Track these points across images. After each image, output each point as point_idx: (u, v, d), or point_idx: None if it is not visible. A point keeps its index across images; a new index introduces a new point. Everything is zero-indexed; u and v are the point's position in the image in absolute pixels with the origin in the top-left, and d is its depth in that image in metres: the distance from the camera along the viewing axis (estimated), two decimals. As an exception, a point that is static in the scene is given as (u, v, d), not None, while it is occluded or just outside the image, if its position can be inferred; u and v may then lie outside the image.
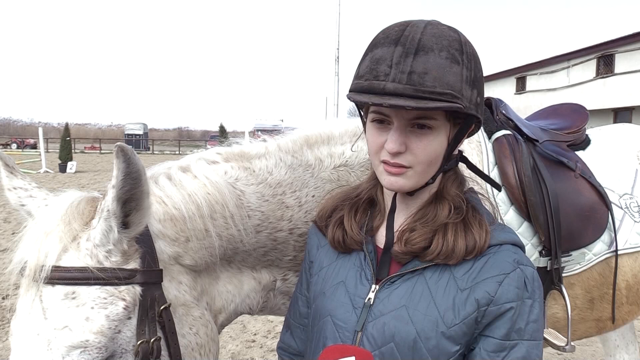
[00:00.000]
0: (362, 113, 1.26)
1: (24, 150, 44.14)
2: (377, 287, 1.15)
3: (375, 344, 1.10)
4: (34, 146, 44.63)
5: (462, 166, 1.28)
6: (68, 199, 1.18)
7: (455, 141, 1.16)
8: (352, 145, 1.61)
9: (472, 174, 1.35)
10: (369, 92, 1.08)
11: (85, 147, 51.96)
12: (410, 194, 1.18)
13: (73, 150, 27.24)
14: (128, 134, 57.09)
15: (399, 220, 1.21)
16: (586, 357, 4.16)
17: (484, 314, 1.07)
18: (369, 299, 1.14)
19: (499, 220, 1.25)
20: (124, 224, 1.13)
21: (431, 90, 1.03)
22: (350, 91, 1.14)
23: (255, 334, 4.64)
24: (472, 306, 1.07)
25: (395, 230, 1.19)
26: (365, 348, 1.11)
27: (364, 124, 1.23)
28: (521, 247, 1.17)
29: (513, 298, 1.07)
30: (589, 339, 2.65)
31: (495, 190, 1.72)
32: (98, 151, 47.91)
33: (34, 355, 1.06)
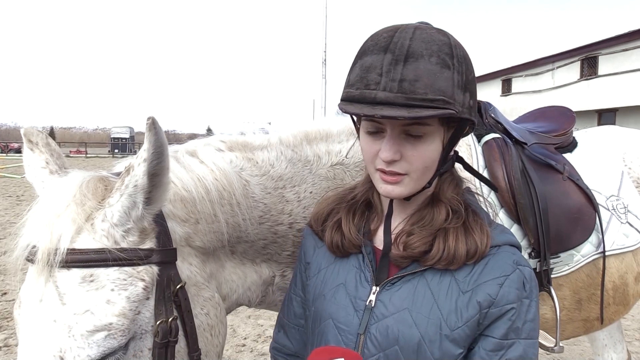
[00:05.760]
0: (354, 119, 1.25)
1: (8, 154, 43.56)
2: (378, 288, 1.15)
3: (380, 347, 1.11)
4: (18, 150, 44.10)
5: (457, 166, 1.28)
6: (76, 179, 1.14)
7: (450, 144, 1.16)
8: (348, 152, 1.61)
9: (466, 174, 1.35)
10: (360, 101, 1.07)
11: (70, 151, 51.63)
12: (407, 198, 1.18)
13: (58, 154, 26.85)
14: (114, 138, 56.52)
15: (395, 223, 1.21)
16: (574, 357, 4.19)
17: (485, 316, 1.08)
18: (370, 301, 1.14)
19: (497, 220, 1.26)
20: (147, 200, 1.11)
21: (422, 97, 1.02)
22: (341, 100, 1.13)
23: (245, 338, 4.62)
24: (474, 309, 1.08)
25: (392, 233, 1.19)
26: (369, 350, 1.11)
27: (357, 130, 1.23)
28: (518, 247, 1.19)
29: (513, 299, 1.08)
30: (577, 338, 2.67)
31: (489, 191, 1.73)
32: (84, 155, 47.48)
33: (53, 343, 1.01)
